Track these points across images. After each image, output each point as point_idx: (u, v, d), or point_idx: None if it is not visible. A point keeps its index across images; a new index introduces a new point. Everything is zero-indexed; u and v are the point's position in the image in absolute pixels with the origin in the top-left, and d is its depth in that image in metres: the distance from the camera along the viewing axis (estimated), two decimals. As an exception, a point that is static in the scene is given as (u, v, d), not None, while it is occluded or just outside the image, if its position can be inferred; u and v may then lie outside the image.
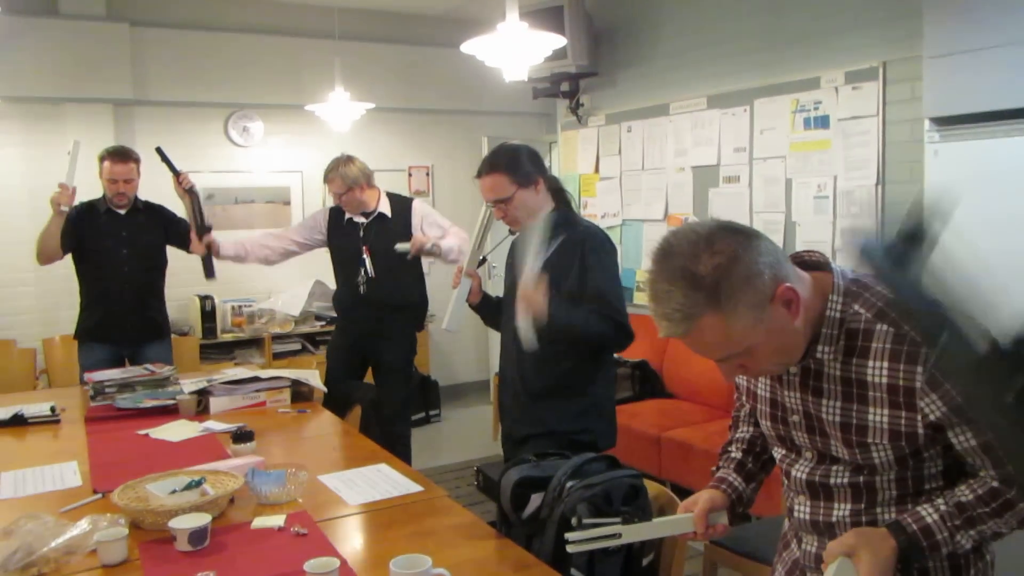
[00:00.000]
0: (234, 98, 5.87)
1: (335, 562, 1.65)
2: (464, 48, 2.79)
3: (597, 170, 5.83)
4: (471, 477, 4.88)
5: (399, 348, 4.04)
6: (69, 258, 4.02)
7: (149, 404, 3.12)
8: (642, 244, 5.45)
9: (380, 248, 3.88)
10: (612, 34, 5.65)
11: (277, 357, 5.78)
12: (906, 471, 1.35)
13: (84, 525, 1.84)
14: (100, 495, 2.20)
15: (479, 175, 2.63)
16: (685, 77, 5.12)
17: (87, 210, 4.00)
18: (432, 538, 1.93)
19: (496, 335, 2.85)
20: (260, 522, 1.99)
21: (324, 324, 5.95)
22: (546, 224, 2.56)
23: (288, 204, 6.14)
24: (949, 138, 3.17)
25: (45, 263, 4.02)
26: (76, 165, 3.78)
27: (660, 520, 1.63)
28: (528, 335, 2.41)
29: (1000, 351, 0.91)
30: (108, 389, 3.26)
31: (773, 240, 1.29)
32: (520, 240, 2.71)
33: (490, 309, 2.91)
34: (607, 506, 1.89)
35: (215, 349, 5.66)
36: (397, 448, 2.62)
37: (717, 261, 1.21)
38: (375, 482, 2.30)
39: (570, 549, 1.58)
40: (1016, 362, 0.90)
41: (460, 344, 6.83)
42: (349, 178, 3.85)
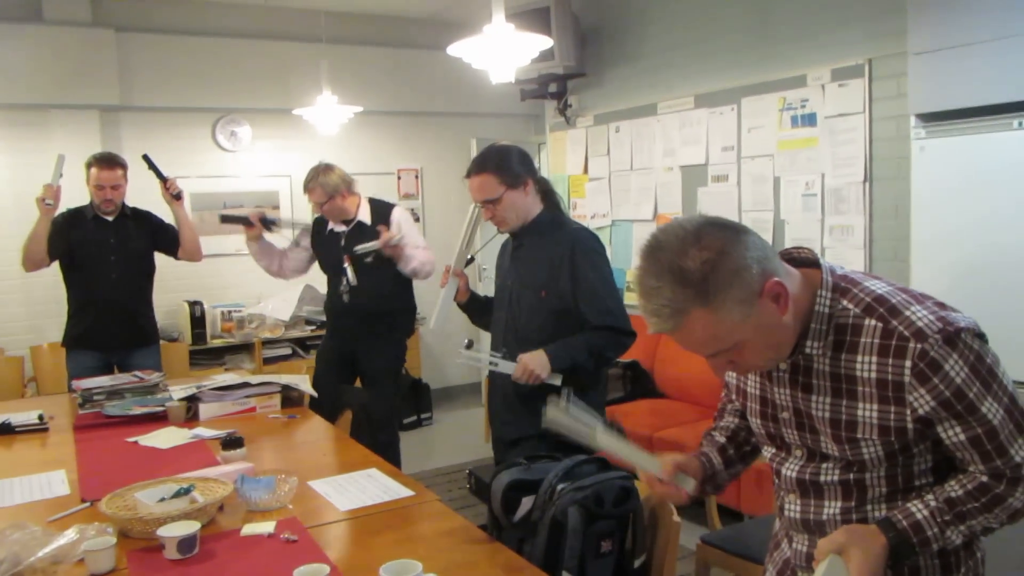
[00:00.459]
0: (221, 103, 5.85)
1: (325, 569, 1.64)
2: (451, 51, 2.78)
3: (586, 171, 5.83)
4: (463, 480, 4.87)
5: (383, 356, 4.03)
6: (56, 265, 3.99)
7: (138, 411, 3.10)
8: (631, 244, 5.45)
9: (360, 257, 3.87)
10: (599, 34, 5.66)
11: (267, 362, 5.76)
12: (896, 467, 1.35)
13: (72, 534, 1.82)
14: (88, 504, 2.18)
15: (468, 175, 2.63)
16: (672, 77, 5.13)
17: (74, 216, 3.97)
18: (423, 543, 1.92)
19: (487, 336, 2.85)
20: (250, 529, 1.98)
21: (314, 329, 5.93)
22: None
23: (277, 208, 6.12)
24: (935, 134, 3.18)
25: (31, 269, 3.98)
26: (60, 171, 3.77)
27: (633, 447, 1.59)
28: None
29: None
30: (96, 397, 3.23)
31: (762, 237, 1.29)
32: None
33: (478, 308, 2.90)
34: (598, 508, 1.89)
35: (205, 355, 5.64)
36: (385, 456, 2.62)
37: (705, 256, 1.20)
38: (365, 487, 2.28)
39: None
40: None
41: (451, 347, 6.79)
42: (329, 186, 3.82)
